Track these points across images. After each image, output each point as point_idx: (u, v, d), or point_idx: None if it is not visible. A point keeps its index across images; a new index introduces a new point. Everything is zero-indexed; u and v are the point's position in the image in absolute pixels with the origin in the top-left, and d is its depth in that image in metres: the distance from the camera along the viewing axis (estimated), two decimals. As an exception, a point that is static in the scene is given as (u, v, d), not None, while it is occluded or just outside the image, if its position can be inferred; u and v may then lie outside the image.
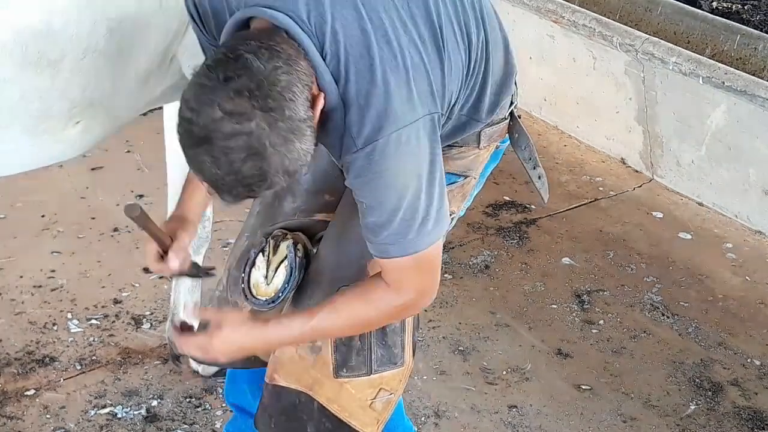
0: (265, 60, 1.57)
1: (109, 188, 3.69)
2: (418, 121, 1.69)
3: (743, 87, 3.58)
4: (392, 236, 1.75)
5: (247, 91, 1.54)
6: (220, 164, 1.57)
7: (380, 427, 2.08)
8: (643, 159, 4.11)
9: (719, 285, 3.47)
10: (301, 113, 1.59)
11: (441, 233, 1.79)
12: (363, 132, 1.67)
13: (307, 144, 1.61)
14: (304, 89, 1.61)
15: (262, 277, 2.03)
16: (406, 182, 1.71)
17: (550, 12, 4.16)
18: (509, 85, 1.98)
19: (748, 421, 2.89)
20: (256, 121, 1.55)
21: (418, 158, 1.71)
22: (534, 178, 2.14)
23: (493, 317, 3.23)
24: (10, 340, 2.97)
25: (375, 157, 1.68)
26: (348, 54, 1.66)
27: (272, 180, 1.60)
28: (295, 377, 2.02)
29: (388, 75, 1.67)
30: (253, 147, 1.56)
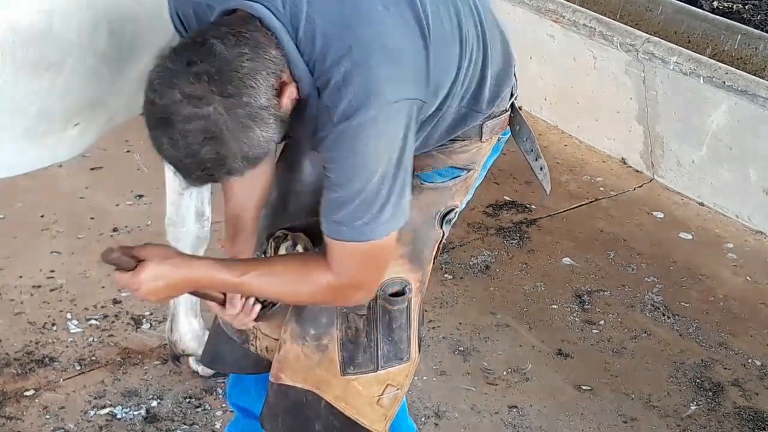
0: (230, 46, 1.59)
1: (109, 188, 3.69)
2: (397, 104, 1.69)
3: (744, 87, 3.57)
4: (348, 217, 1.73)
5: (207, 75, 1.57)
6: (179, 147, 1.60)
7: (388, 423, 2.08)
8: (643, 159, 4.11)
9: (720, 285, 3.47)
10: (262, 101, 1.61)
11: (395, 226, 1.77)
12: (340, 108, 1.67)
13: (268, 132, 1.63)
14: (269, 77, 1.62)
15: None
16: (376, 164, 1.70)
17: (551, 12, 4.15)
18: (509, 75, 1.97)
19: (748, 421, 2.89)
20: (214, 105, 1.57)
21: (391, 142, 1.70)
22: (536, 170, 2.13)
23: (494, 317, 3.23)
24: (9, 340, 2.97)
25: (350, 132, 1.68)
26: (325, 36, 1.67)
27: (231, 165, 1.62)
28: (302, 376, 2.02)
29: (368, 55, 1.67)
30: (211, 131, 1.58)
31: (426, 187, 1.98)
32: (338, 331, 1.98)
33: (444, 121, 1.89)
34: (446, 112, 1.89)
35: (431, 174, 1.98)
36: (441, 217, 2.01)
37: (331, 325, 1.98)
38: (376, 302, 1.97)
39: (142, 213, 3.57)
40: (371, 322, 1.98)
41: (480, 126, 1.97)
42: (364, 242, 1.75)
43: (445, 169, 1.99)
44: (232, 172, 1.65)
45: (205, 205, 2.69)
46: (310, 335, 2.00)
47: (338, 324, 1.98)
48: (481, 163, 2.05)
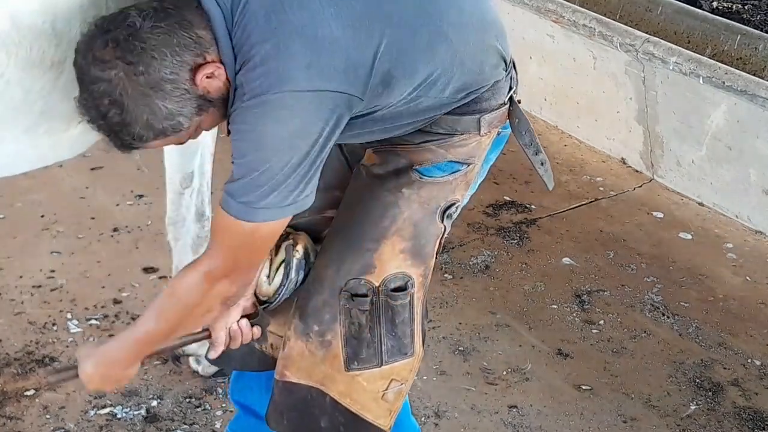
0: (148, 19, 1.69)
1: (109, 188, 3.69)
2: (315, 93, 1.70)
3: (743, 87, 3.57)
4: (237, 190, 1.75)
5: (116, 42, 1.68)
6: (91, 107, 1.73)
7: (393, 417, 2.08)
8: (643, 159, 4.11)
9: (720, 285, 3.47)
10: (164, 72, 1.69)
11: (278, 216, 1.78)
12: (252, 85, 1.71)
13: (172, 104, 1.71)
14: (183, 52, 1.70)
15: (265, 276, 2.04)
16: (277, 147, 1.72)
17: (551, 12, 4.15)
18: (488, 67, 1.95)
19: (748, 421, 2.89)
20: (116, 71, 1.68)
21: (301, 130, 1.72)
22: (536, 165, 2.12)
23: (493, 317, 3.23)
24: (9, 340, 2.97)
25: (257, 110, 1.71)
26: (254, 17, 1.71)
27: (135, 131, 1.72)
28: (306, 373, 2.03)
29: (291, 38, 1.69)
30: (112, 95, 1.69)
31: (426, 181, 1.98)
32: (342, 326, 1.99)
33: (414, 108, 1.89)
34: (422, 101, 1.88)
35: (430, 168, 1.98)
36: (442, 211, 2.01)
37: (335, 321, 1.99)
38: (378, 297, 1.97)
39: (142, 213, 3.58)
40: (374, 317, 1.98)
41: (478, 119, 1.97)
42: (243, 222, 1.77)
43: (444, 163, 1.99)
44: (138, 139, 1.74)
45: (205, 204, 2.69)
46: (314, 331, 2.00)
47: (341, 320, 1.99)
48: (481, 158, 2.04)
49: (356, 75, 1.74)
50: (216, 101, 1.77)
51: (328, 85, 1.71)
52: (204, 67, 1.72)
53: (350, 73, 1.73)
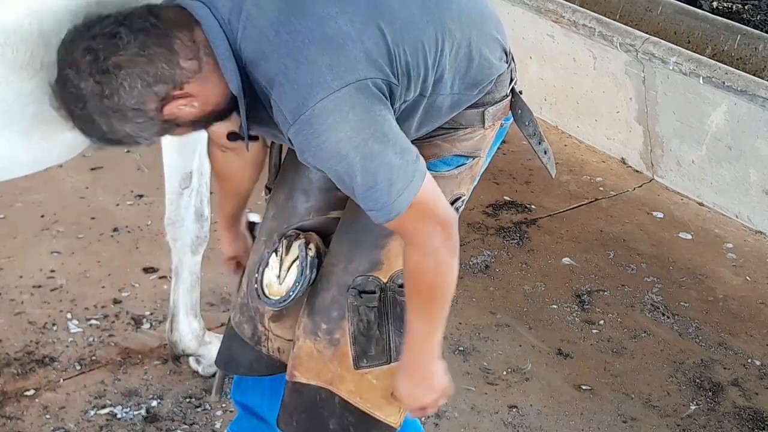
0: (135, 42, 1.69)
1: (109, 188, 3.69)
2: (348, 87, 1.69)
3: (744, 87, 3.57)
4: (369, 203, 1.76)
5: (95, 55, 1.69)
6: (59, 96, 1.76)
7: (403, 414, 2.08)
8: (643, 159, 4.11)
9: (720, 285, 3.47)
10: (130, 102, 1.71)
11: (417, 187, 1.76)
12: (289, 107, 1.71)
13: (132, 128, 1.74)
14: (156, 84, 1.70)
15: (275, 276, 2.04)
16: (351, 148, 1.71)
17: (550, 12, 4.15)
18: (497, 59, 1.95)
19: (748, 421, 2.89)
20: (85, 83, 1.71)
21: (356, 124, 1.70)
22: (540, 154, 2.13)
23: (493, 317, 3.23)
24: (9, 340, 2.97)
25: (308, 129, 1.70)
26: (263, 35, 1.71)
27: (94, 137, 1.79)
28: (315, 373, 2.03)
29: (307, 46, 1.69)
30: (78, 102, 1.73)
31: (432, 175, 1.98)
32: (350, 324, 1.99)
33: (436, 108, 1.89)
34: (436, 99, 1.88)
35: (436, 163, 1.98)
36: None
37: (343, 318, 1.99)
38: (386, 294, 1.97)
39: (142, 213, 3.58)
40: (382, 314, 1.98)
41: (482, 112, 1.97)
42: (401, 216, 1.76)
43: (450, 157, 1.98)
44: (99, 142, 1.81)
45: (204, 205, 2.69)
46: (322, 330, 2.00)
47: (350, 317, 1.98)
48: (485, 150, 2.04)
49: (379, 63, 1.73)
50: (185, 123, 1.79)
51: (357, 75, 1.70)
52: (176, 99, 1.73)
53: (373, 62, 1.72)
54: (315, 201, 2.09)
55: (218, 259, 3.35)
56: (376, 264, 1.97)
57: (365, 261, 1.98)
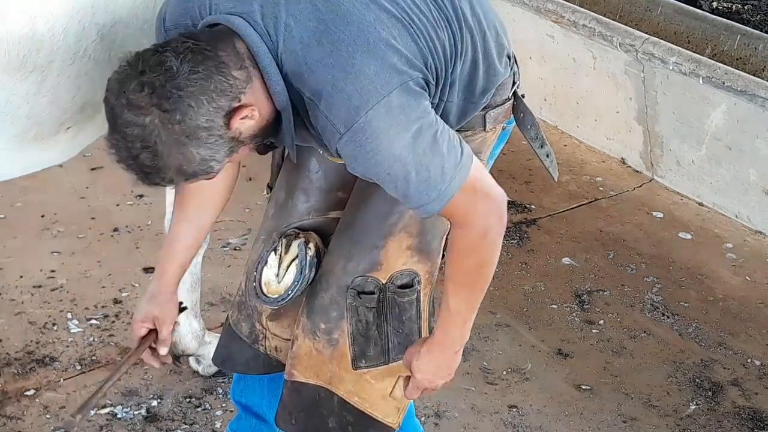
0: (186, 62, 1.65)
1: (109, 188, 3.69)
2: (396, 91, 1.70)
3: (743, 87, 3.57)
4: (420, 197, 1.76)
5: (151, 87, 1.64)
6: (121, 147, 1.69)
7: (402, 415, 2.09)
8: (643, 159, 4.11)
9: (719, 285, 3.47)
10: (200, 121, 1.66)
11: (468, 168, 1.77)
12: (340, 117, 1.70)
13: (206, 150, 1.69)
14: (219, 98, 1.67)
15: (274, 275, 2.04)
16: (403, 150, 1.72)
17: (550, 12, 4.15)
18: (501, 64, 1.96)
19: (748, 421, 2.89)
20: (151, 117, 1.64)
21: (406, 124, 1.71)
22: (542, 157, 2.13)
23: (493, 317, 3.23)
24: (10, 340, 2.97)
25: (361, 137, 1.70)
26: (305, 46, 1.70)
27: (166, 175, 1.70)
28: (314, 372, 2.03)
29: (352, 55, 1.69)
30: (146, 140, 1.66)
31: None
32: (349, 324, 1.99)
33: (445, 115, 1.90)
34: (446, 106, 1.89)
35: None
36: None
37: (342, 319, 1.99)
38: (385, 294, 1.98)
39: (142, 213, 3.58)
40: (381, 314, 1.99)
41: (483, 116, 1.97)
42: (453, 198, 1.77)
43: None
44: (168, 182, 1.73)
45: (205, 205, 2.69)
46: (321, 329, 2.01)
47: (348, 317, 1.99)
48: (486, 153, 2.05)
49: (418, 65, 1.75)
50: (247, 140, 1.75)
51: (402, 78, 1.71)
52: (239, 110, 1.70)
53: (413, 64, 1.74)
54: (315, 201, 2.10)
55: (218, 259, 3.37)
56: (375, 265, 1.98)
57: (364, 261, 1.99)
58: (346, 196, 2.07)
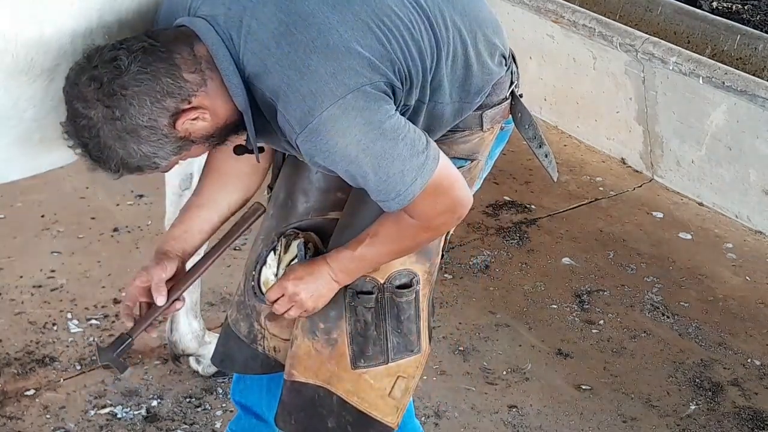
0: (136, 62, 1.71)
1: (110, 188, 3.69)
2: (353, 93, 1.71)
3: (743, 87, 3.58)
4: (381, 194, 1.79)
5: (99, 82, 1.72)
6: (72, 134, 1.78)
7: (401, 415, 2.09)
8: (643, 159, 4.11)
9: (719, 285, 3.47)
10: (141, 120, 1.73)
11: (431, 172, 1.78)
12: (296, 117, 1.73)
13: (148, 147, 1.76)
14: (165, 99, 1.73)
15: (273, 275, 2.04)
16: (360, 152, 1.74)
17: (550, 12, 4.16)
18: (496, 64, 1.96)
19: (748, 421, 2.89)
20: (95, 111, 1.73)
21: (363, 127, 1.72)
22: (540, 157, 2.14)
23: (493, 317, 3.23)
24: (10, 340, 2.97)
25: (316, 137, 1.73)
26: (265, 48, 1.73)
27: (112, 166, 1.78)
28: (313, 372, 2.03)
29: (308, 56, 1.71)
30: (91, 132, 1.74)
31: None
32: (347, 324, 2.00)
33: (438, 116, 1.90)
34: (436, 107, 1.89)
35: None
36: None
37: (340, 318, 2.00)
38: (383, 294, 1.98)
39: (142, 213, 3.58)
40: (380, 314, 1.99)
41: (480, 115, 1.97)
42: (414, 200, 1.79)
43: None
44: (114, 172, 1.80)
45: (205, 205, 2.69)
46: (320, 329, 2.01)
47: (347, 317, 1.99)
48: (484, 153, 2.05)
49: (381, 68, 1.75)
50: (198, 140, 1.80)
51: (360, 81, 1.72)
52: (187, 112, 1.75)
53: (375, 67, 1.74)
54: (314, 201, 2.10)
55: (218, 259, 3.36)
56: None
57: None
58: (345, 197, 2.07)
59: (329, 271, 1.95)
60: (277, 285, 1.99)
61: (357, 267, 1.95)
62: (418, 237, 1.91)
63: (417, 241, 1.93)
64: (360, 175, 1.77)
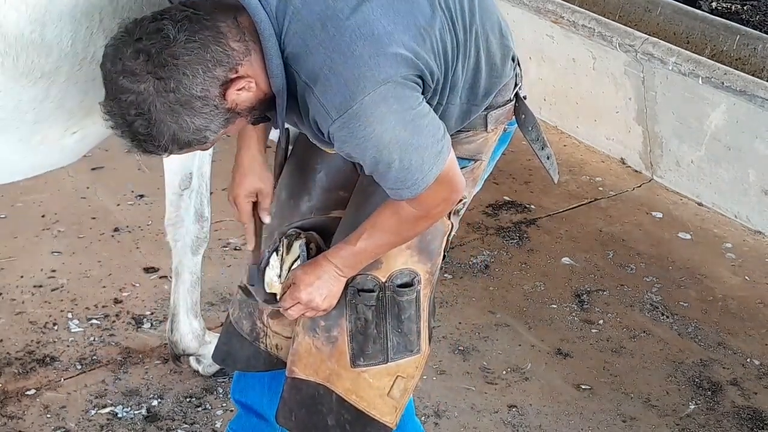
0: (181, 30, 1.66)
1: (110, 188, 3.70)
2: (392, 81, 1.72)
3: (742, 87, 3.58)
4: (397, 182, 1.80)
5: (147, 54, 1.65)
6: (116, 114, 1.70)
7: (399, 414, 2.09)
8: (642, 159, 4.12)
9: (719, 285, 3.48)
10: (195, 90, 1.67)
11: (444, 161, 1.80)
12: (335, 102, 1.72)
13: (200, 119, 1.70)
14: (215, 68, 1.68)
15: (276, 276, 2.05)
16: (392, 139, 1.74)
17: (550, 12, 4.16)
18: (505, 67, 1.98)
19: (747, 420, 2.89)
20: (146, 84, 1.66)
21: (399, 113, 1.73)
22: (543, 159, 2.14)
23: (493, 317, 3.23)
24: (10, 339, 2.98)
25: (354, 123, 1.72)
26: (310, 29, 1.71)
27: (160, 143, 1.71)
28: (313, 369, 2.04)
29: (354, 41, 1.70)
30: (141, 107, 1.67)
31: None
32: (348, 322, 2.00)
33: (447, 117, 1.91)
34: (448, 108, 1.90)
35: None
36: None
37: (341, 316, 2.00)
38: (385, 293, 1.99)
39: (142, 213, 3.58)
40: (380, 313, 2.00)
41: (485, 116, 1.98)
42: (426, 188, 1.80)
43: None
44: (164, 150, 1.73)
45: (204, 206, 2.70)
46: (321, 327, 2.02)
47: (348, 315, 2.00)
48: (488, 154, 2.06)
49: (417, 63, 1.76)
50: (243, 112, 1.77)
51: (400, 71, 1.73)
52: (235, 81, 1.72)
53: (412, 61, 1.75)
54: (317, 200, 2.11)
55: (218, 259, 3.37)
56: (376, 263, 1.99)
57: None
58: (347, 195, 2.08)
59: (334, 268, 1.95)
60: (289, 296, 1.98)
61: (359, 260, 1.96)
62: (417, 225, 1.92)
63: (417, 230, 1.94)
64: (386, 162, 1.76)
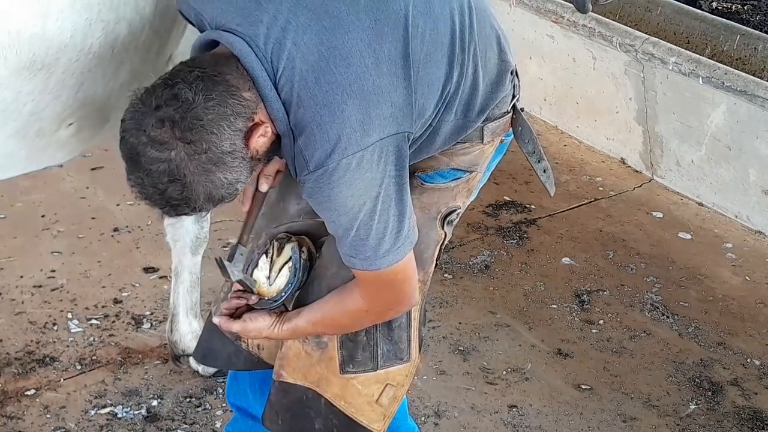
0: (198, 91, 1.66)
1: (110, 188, 3.70)
2: (372, 146, 1.73)
3: (743, 87, 3.58)
4: (351, 250, 1.81)
5: (171, 121, 1.66)
6: (146, 184, 1.71)
7: (387, 422, 2.08)
8: (643, 159, 4.12)
9: (719, 285, 3.47)
10: (224, 146, 1.69)
11: (401, 255, 1.82)
12: (314, 156, 1.73)
13: (232, 174, 1.72)
14: (236, 121, 1.69)
15: (264, 277, 2.04)
16: (357, 205, 1.75)
17: (550, 12, 4.16)
18: (503, 82, 1.97)
19: (747, 420, 2.89)
20: (176, 151, 1.67)
21: (371, 181, 1.75)
22: (539, 172, 2.14)
23: (493, 317, 3.23)
24: (10, 340, 2.98)
25: (325, 180, 1.74)
26: (303, 80, 1.72)
27: (195, 204, 1.72)
28: (302, 373, 2.04)
29: (343, 101, 1.71)
30: (174, 174, 1.68)
31: (427, 187, 1.99)
32: None
33: (439, 133, 1.91)
34: (441, 126, 1.90)
35: (432, 175, 1.99)
36: (443, 218, 2.02)
37: None
38: None
39: (142, 213, 3.58)
40: None
41: (481, 128, 1.98)
42: (374, 272, 1.82)
43: (447, 170, 2.00)
44: (196, 210, 1.75)
45: (205, 205, 2.69)
46: None
47: None
48: (483, 165, 2.05)
49: (402, 115, 1.77)
50: (263, 157, 1.79)
51: (382, 133, 1.74)
52: (255, 129, 1.73)
53: (397, 115, 1.76)
54: (306, 203, 2.10)
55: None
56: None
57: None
58: None
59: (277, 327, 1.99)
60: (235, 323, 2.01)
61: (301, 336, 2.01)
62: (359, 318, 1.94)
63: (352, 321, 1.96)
64: (344, 227, 1.78)
